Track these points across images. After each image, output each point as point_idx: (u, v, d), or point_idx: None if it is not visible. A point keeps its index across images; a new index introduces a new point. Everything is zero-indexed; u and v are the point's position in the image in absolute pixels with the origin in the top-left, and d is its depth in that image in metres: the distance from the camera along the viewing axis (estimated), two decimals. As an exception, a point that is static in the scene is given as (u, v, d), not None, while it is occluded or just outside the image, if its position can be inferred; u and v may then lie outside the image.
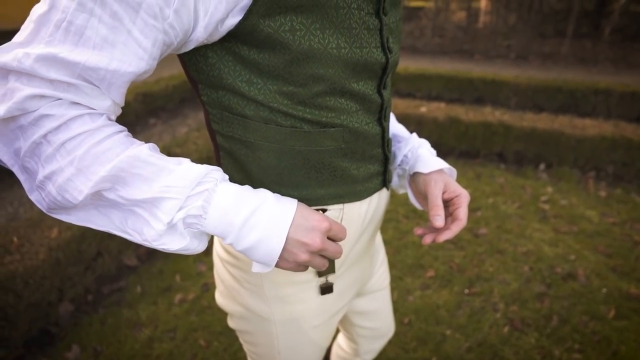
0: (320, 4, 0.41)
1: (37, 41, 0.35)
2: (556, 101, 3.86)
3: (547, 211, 2.36)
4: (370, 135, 0.54)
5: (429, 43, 7.34)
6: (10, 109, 0.36)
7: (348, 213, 0.57)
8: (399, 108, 3.15)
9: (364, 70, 0.49)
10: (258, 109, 0.46)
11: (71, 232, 1.61)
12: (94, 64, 0.36)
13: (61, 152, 0.37)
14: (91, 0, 0.35)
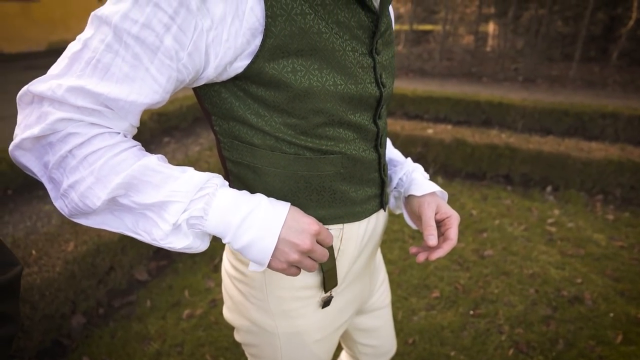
0: (318, 49, 0.47)
1: (70, 74, 0.42)
2: (563, 124, 3.89)
3: (554, 234, 2.36)
4: (367, 161, 0.59)
5: (437, 66, 7.47)
6: (43, 129, 0.42)
7: (347, 232, 0.61)
8: (406, 129, 3.21)
9: (360, 103, 0.54)
10: (265, 138, 0.52)
11: (87, 246, 1.67)
12: (115, 96, 0.43)
13: (84, 164, 0.44)
14: (117, 42, 0.42)
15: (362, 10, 0.51)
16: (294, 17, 0.45)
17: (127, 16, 0.41)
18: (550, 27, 6.78)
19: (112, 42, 0.41)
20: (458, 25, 7.94)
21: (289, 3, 0.45)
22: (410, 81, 6.85)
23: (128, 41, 0.41)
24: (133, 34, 0.41)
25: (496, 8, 7.63)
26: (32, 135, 0.43)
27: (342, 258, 0.62)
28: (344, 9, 0.49)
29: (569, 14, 6.99)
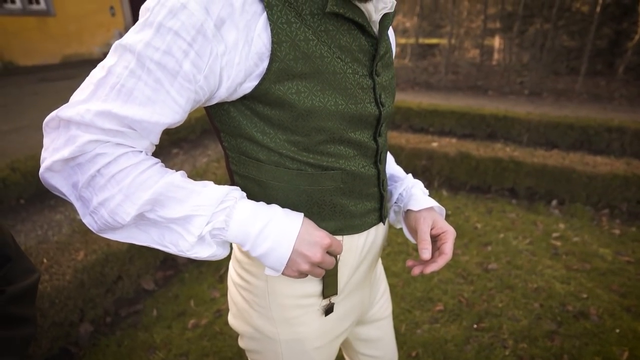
0: (320, 72, 0.51)
1: (95, 99, 0.46)
2: (569, 138, 3.89)
3: (559, 248, 2.36)
4: (367, 176, 0.62)
5: (443, 79, 7.52)
6: (73, 151, 0.46)
7: (347, 244, 0.64)
8: (411, 142, 3.24)
9: (360, 122, 0.57)
10: (270, 154, 0.55)
11: (96, 255, 1.71)
12: (139, 117, 0.46)
13: (112, 182, 0.47)
14: (140, 68, 0.46)
15: (363, 36, 0.55)
16: (298, 42, 0.49)
17: (149, 44, 0.45)
18: (556, 41, 6.82)
19: (135, 68, 0.45)
20: (464, 39, 8.02)
21: (293, 30, 0.48)
22: (416, 94, 6.90)
23: (150, 67, 0.45)
24: (155, 60, 0.45)
25: (501, 23, 7.70)
26: (62, 158, 0.46)
27: (342, 268, 0.65)
28: (345, 34, 0.53)
29: (575, 28, 7.03)
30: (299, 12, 0.49)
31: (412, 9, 8.58)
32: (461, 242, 2.42)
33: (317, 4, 0.50)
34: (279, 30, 0.48)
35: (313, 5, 0.50)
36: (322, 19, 0.51)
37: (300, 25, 0.49)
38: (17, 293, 0.48)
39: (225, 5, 0.45)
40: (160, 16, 0.45)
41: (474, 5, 7.74)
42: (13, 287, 0.48)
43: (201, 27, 0.45)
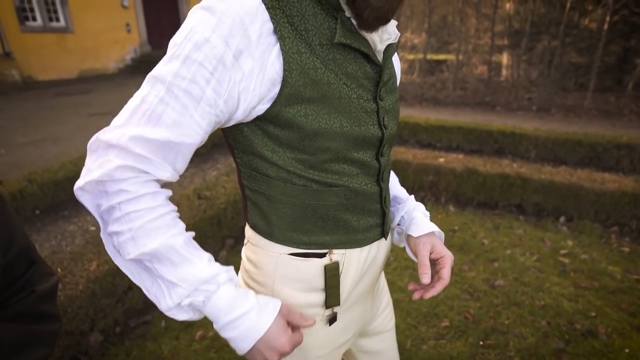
0: (327, 97, 0.56)
1: (130, 124, 0.52)
2: (577, 154, 3.88)
3: (567, 265, 2.34)
4: (369, 193, 0.66)
5: (450, 95, 7.58)
6: (102, 175, 0.51)
7: (349, 257, 0.67)
8: (418, 158, 3.27)
9: (363, 142, 0.62)
10: (278, 171, 0.60)
11: (108, 265, 1.76)
12: (165, 139, 0.51)
13: (125, 219, 0.52)
14: (168, 95, 0.51)
15: (368, 64, 0.60)
16: (307, 70, 0.54)
17: (177, 74, 0.51)
18: (564, 58, 6.85)
19: (164, 96, 0.51)
20: (471, 56, 8.09)
21: (303, 59, 0.53)
22: (424, 110, 6.95)
23: (178, 94, 0.51)
24: (182, 88, 0.51)
25: (509, 40, 7.77)
26: (93, 179, 0.51)
27: (344, 280, 0.68)
28: (352, 62, 0.58)
29: (583, 45, 7.06)
30: (309, 42, 0.54)
31: (420, 26, 8.71)
32: (468, 258, 2.42)
33: (326, 35, 0.55)
34: (290, 60, 0.53)
35: (322, 36, 0.55)
36: (330, 49, 0.56)
37: (309, 55, 0.54)
38: (45, 292, 0.53)
39: (243, 38, 0.51)
40: (186, 49, 0.50)
41: (481, 23, 7.83)
42: (41, 287, 0.53)
43: (221, 58, 0.50)
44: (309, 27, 0.54)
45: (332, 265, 0.65)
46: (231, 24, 0.50)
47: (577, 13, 6.99)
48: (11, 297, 0.51)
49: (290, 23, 0.53)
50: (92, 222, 2.83)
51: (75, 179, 3.15)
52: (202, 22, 0.50)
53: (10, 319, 0.49)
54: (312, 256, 0.65)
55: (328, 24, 0.55)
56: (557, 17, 6.60)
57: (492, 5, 7.23)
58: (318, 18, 0.55)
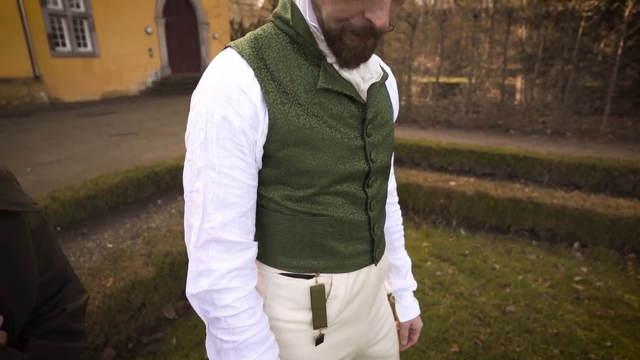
0: (310, 139, 0.61)
1: (207, 216, 0.60)
2: (592, 179, 3.84)
3: (581, 292, 2.30)
4: (356, 222, 0.70)
5: (463, 118, 7.61)
6: (211, 284, 0.60)
7: (336, 281, 0.71)
8: (429, 181, 3.29)
9: (349, 177, 0.66)
10: (269, 202, 0.66)
11: (124, 282, 1.82)
12: (239, 212, 0.61)
13: (230, 331, 0.62)
14: (221, 177, 0.60)
15: (353, 104, 0.65)
16: (290, 118, 0.60)
17: (219, 155, 0.59)
18: (578, 82, 6.84)
19: (220, 180, 0.59)
20: (484, 79, 8.16)
21: (286, 109, 0.60)
22: (437, 132, 6.99)
23: (227, 172, 0.60)
24: (227, 165, 0.59)
25: (522, 64, 7.82)
26: (203, 290, 0.60)
27: (332, 302, 0.72)
28: (337, 104, 0.64)
29: (597, 69, 7.06)
30: (294, 92, 0.61)
31: (434, 50, 8.86)
32: (479, 283, 2.40)
33: (310, 82, 0.62)
34: (274, 110, 0.59)
35: (307, 84, 0.62)
36: (315, 94, 0.62)
37: (291, 104, 0.60)
38: (76, 310, 0.57)
39: (249, 105, 0.58)
40: (214, 132, 0.58)
41: (494, 48, 7.92)
42: (72, 306, 0.57)
43: (239, 128, 0.58)
44: (294, 77, 0.61)
45: (318, 287, 0.69)
46: (238, 98, 0.58)
47: (590, 38, 7.02)
48: (44, 313, 0.54)
49: (274, 79, 0.60)
50: (110, 240, 2.92)
51: (95, 197, 3.22)
52: (215, 103, 0.58)
53: (43, 335, 0.52)
54: (300, 277, 0.70)
55: (312, 72, 0.62)
56: (569, 42, 6.63)
57: (504, 31, 7.32)
58: (302, 68, 0.62)
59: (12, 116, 8.19)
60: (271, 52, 0.61)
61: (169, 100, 10.82)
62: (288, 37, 0.63)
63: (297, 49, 0.62)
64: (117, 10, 10.82)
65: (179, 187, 3.86)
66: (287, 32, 0.62)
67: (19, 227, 0.50)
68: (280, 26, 0.63)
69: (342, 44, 0.58)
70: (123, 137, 6.28)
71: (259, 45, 0.62)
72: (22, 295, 0.50)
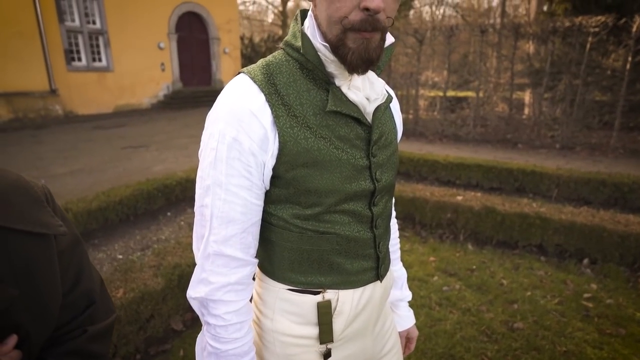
0: (318, 161, 0.65)
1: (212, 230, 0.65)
2: (602, 194, 3.81)
3: (591, 310, 2.27)
4: (362, 240, 0.72)
5: (471, 132, 7.61)
6: (208, 293, 0.65)
7: (342, 297, 0.73)
8: (435, 195, 3.30)
9: (355, 196, 0.69)
10: (279, 220, 0.69)
11: (134, 293, 1.85)
12: (240, 228, 0.65)
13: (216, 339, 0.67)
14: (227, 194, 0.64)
15: (359, 126, 0.69)
16: (299, 141, 0.64)
17: (227, 174, 0.63)
18: (587, 96, 6.82)
19: (226, 197, 0.64)
20: (492, 93, 8.17)
21: (295, 132, 0.64)
22: (444, 146, 7.00)
23: (234, 190, 0.64)
24: (235, 184, 0.63)
25: (530, 78, 7.83)
26: (201, 297, 0.66)
27: (338, 318, 0.74)
28: (344, 126, 0.67)
29: (606, 83, 7.03)
30: (303, 115, 0.64)
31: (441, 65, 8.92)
32: (486, 299, 2.38)
33: (319, 106, 0.66)
34: (284, 133, 0.63)
35: (316, 107, 0.65)
36: (323, 117, 0.66)
37: (300, 127, 0.64)
38: (97, 332, 0.58)
39: (259, 128, 0.62)
40: (224, 152, 0.62)
41: (501, 62, 7.96)
42: (93, 327, 0.57)
43: (249, 149, 0.62)
44: (303, 101, 0.65)
45: (325, 303, 0.71)
46: (249, 121, 0.62)
47: (599, 53, 7.01)
48: (65, 334, 0.55)
49: (284, 103, 0.64)
50: (120, 251, 2.97)
51: (107, 209, 3.28)
52: (227, 125, 0.62)
53: (62, 356, 0.53)
54: (307, 292, 0.72)
55: (320, 97, 0.66)
56: (577, 57, 6.64)
57: (511, 46, 7.37)
58: (311, 93, 0.66)
59: (28, 128, 8.41)
60: (282, 78, 0.65)
61: (179, 113, 11.02)
62: (298, 64, 0.67)
63: (307, 75, 0.66)
64: (132, 27, 11.14)
65: (189, 200, 3.92)
66: (297, 58, 0.66)
67: (45, 248, 0.51)
68: (291, 53, 0.67)
69: (346, 47, 0.60)
70: (134, 150, 6.41)
71: (271, 72, 0.66)
72: (43, 316, 0.50)
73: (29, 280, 0.49)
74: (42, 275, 0.50)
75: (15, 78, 8.80)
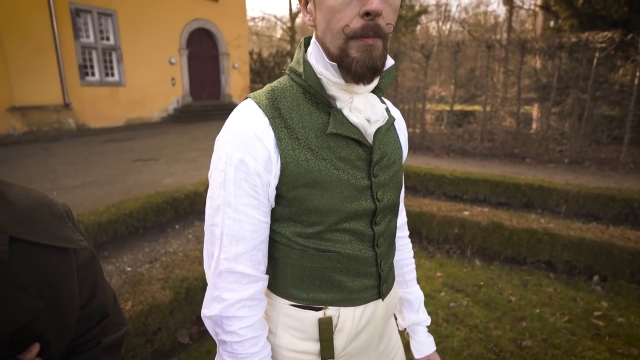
0: (318, 181, 0.67)
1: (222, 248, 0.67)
2: (611, 210, 3.77)
3: (602, 328, 2.23)
4: (363, 258, 0.74)
5: (478, 146, 7.60)
6: (222, 311, 0.67)
7: (343, 314, 0.74)
8: (442, 210, 3.30)
9: (356, 215, 0.71)
10: (282, 237, 0.71)
11: (142, 306, 1.87)
12: (250, 246, 0.67)
13: (233, 355, 0.68)
14: (236, 213, 0.66)
15: (360, 147, 0.71)
16: (300, 162, 0.67)
17: (235, 194, 0.66)
18: (595, 111, 6.80)
19: (235, 216, 0.67)
20: (499, 108, 8.19)
21: (296, 154, 0.67)
22: (451, 161, 7.00)
23: (242, 209, 0.66)
24: (242, 203, 0.66)
25: (537, 93, 7.84)
26: (215, 315, 0.67)
27: (339, 335, 0.75)
28: (345, 147, 0.69)
29: (614, 98, 7.01)
30: (306, 137, 0.67)
31: (448, 79, 8.99)
32: (494, 316, 2.36)
33: (319, 129, 0.68)
34: (286, 155, 0.66)
35: (317, 130, 0.68)
36: (325, 139, 0.68)
37: (301, 149, 0.67)
38: (110, 344, 0.60)
39: (263, 150, 0.65)
40: (232, 174, 0.65)
41: (508, 77, 7.99)
42: (107, 339, 0.60)
43: (254, 170, 0.65)
44: (305, 124, 0.68)
45: (326, 320, 0.73)
46: (253, 144, 0.65)
47: (606, 68, 7.02)
48: (81, 345, 0.58)
49: (287, 126, 0.67)
50: (129, 263, 3.01)
51: (117, 221, 3.34)
52: (234, 148, 0.65)
53: None
54: (309, 308, 0.74)
55: (322, 120, 0.69)
56: (584, 72, 6.65)
57: (518, 62, 7.41)
58: (313, 116, 0.68)
59: (42, 141, 8.61)
60: (286, 102, 0.69)
61: (188, 126, 11.19)
62: (301, 88, 0.70)
63: (309, 99, 0.69)
64: (144, 43, 11.44)
65: (197, 213, 3.96)
66: (300, 83, 0.70)
67: (66, 262, 0.54)
68: (295, 79, 0.71)
69: (350, 57, 0.62)
70: (144, 163, 6.51)
71: (275, 96, 0.69)
72: (62, 327, 0.53)
73: (51, 293, 0.52)
74: (63, 288, 0.53)
75: (31, 92, 9.05)
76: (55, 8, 9.17)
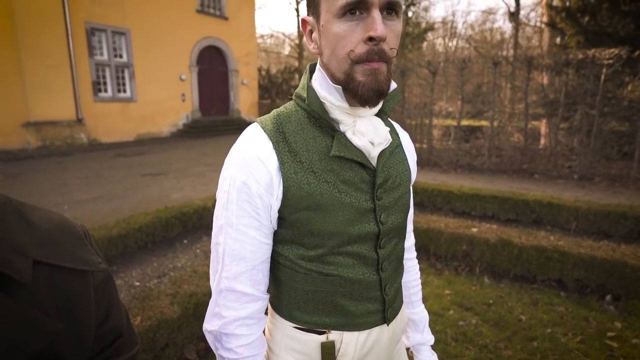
0: (320, 204, 0.68)
1: (223, 267, 0.70)
2: (623, 228, 3.71)
3: (616, 350, 2.18)
4: (366, 282, 0.73)
5: (486, 162, 7.58)
6: (221, 327, 0.68)
7: (346, 339, 0.74)
8: (450, 227, 3.28)
9: (359, 238, 0.71)
10: (285, 260, 0.72)
11: (150, 321, 1.88)
12: (250, 265, 0.69)
13: None
14: (238, 233, 0.68)
15: (363, 170, 0.71)
16: (302, 185, 0.68)
17: (237, 215, 0.68)
18: (604, 127, 6.77)
19: (236, 236, 0.69)
20: (506, 123, 8.18)
21: (299, 177, 0.68)
22: (459, 176, 6.98)
23: (243, 230, 0.69)
24: (244, 224, 0.68)
25: (544, 109, 7.83)
26: (215, 330, 0.70)
27: (342, 359, 0.74)
28: (348, 170, 0.70)
29: (623, 114, 6.98)
30: (309, 160, 0.68)
31: (454, 95, 9.03)
32: (504, 335, 2.32)
33: (323, 152, 0.69)
34: (288, 179, 0.67)
35: (321, 153, 0.69)
36: (328, 162, 0.69)
37: (304, 173, 0.68)
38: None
39: (266, 173, 0.67)
40: (235, 195, 0.67)
41: (515, 93, 8.01)
42: (120, 358, 0.60)
43: (256, 192, 0.67)
44: (309, 147, 0.69)
45: (328, 344, 0.73)
46: (256, 167, 0.67)
47: (614, 84, 7.01)
48: None
49: (291, 150, 0.68)
50: (137, 278, 3.02)
51: (127, 236, 3.37)
52: (238, 170, 0.67)
53: None
54: (312, 332, 0.74)
55: (325, 143, 0.70)
56: (592, 88, 6.65)
57: (525, 78, 7.44)
58: (317, 139, 0.70)
59: (54, 156, 8.78)
60: (290, 126, 0.70)
61: (197, 141, 11.34)
62: (306, 113, 0.72)
63: (314, 123, 0.71)
64: (156, 60, 11.71)
65: (205, 228, 3.99)
66: (304, 108, 0.71)
67: (85, 283, 0.55)
68: (300, 103, 0.73)
69: (355, 81, 0.64)
70: (153, 177, 6.59)
71: (280, 121, 0.71)
72: (80, 347, 0.54)
73: (70, 314, 0.53)
74: (81, 310, 0.54)
75: (45, 108, 9.28)
76: (72, 27, 9.47)
